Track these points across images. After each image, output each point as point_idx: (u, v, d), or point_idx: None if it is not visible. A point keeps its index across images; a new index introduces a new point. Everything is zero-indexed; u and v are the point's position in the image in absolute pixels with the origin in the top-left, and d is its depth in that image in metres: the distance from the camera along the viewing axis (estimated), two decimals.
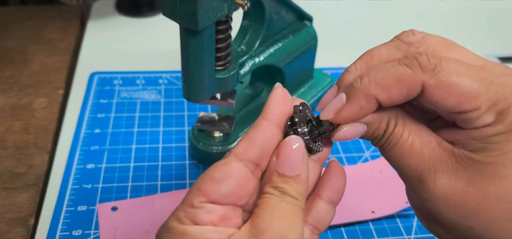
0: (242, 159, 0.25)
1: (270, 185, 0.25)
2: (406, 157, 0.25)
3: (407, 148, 0.25)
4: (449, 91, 0.23)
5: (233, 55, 0.44)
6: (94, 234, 0.43)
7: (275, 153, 0.25)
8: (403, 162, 0.25)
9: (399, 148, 0.25)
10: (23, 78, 0.61)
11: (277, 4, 0.47)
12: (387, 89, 0.24)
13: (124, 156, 0.51)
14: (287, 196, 0.25)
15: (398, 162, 0.26)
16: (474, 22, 0.84)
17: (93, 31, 0.74)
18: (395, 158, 0.26)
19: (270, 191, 0.25)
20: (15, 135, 0.52)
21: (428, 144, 0.25)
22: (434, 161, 0.24)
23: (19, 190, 0.46)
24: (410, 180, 0.26)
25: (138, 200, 0.46)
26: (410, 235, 0.45)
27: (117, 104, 0.58)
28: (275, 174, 0.25)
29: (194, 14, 0.35)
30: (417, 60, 0.23)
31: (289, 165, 0.25)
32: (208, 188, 0.25)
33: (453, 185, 0.24)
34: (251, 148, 0.25)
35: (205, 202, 0.25)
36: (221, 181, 0.25)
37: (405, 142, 0.25)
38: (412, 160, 0.25)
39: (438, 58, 0.23)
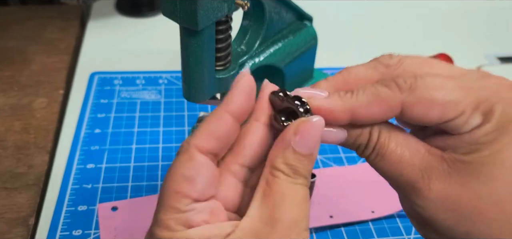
0: (203, 152, 0.25)
1: (283, 161, 0.24)
2: (397, 167, 0.25)
3: (397, 158, 0.25)
4: (429, 106, 0.23)
5: (233, 55, 0.44)
6: (94, 234, 0.43)
7: (292, 129, 0.24)
8: (394, 172, 0.25)
9: (388, 159, 0.25)
10: (23, 78, 0.61)
11: (277, 4, 0.47)
12: (366, 107, 0.24)
13: (124, 156, 0.51)
14: (298, 176, 0.24)
15: (389, 173, 0.25)
16: (474, 22, 0.84)
17: (93, 31, 0.74)
18: (385, 169, 0.26)
19: (282, 168, 0.24)
20: (15, 135, 0.52)
21: (417, 153, 0.25)
22: (425, 169, 0.24)
23: (19, 190, 0.46)
24: (404, 190, 0.25)
25: (138, 200, 0.46)
26: (410, 235, 0.45)
27: (117, 104, 0.58)
28: (290, 150, 0.24)
29: (194, 14, 0.35)
30: (394, 82, 0.24)
31: (307, 143, 0.24)
32: (186, 189, 0.24)
33: (447, 190, 0.24)
34: (212, 142, 0.25)
35: (191, 203, 0.24)
36: (195, 178, 0.24)
37: (393, 152, 0.25)
38: (403, 170, 0.25)
39: (414, 77, 0.24)
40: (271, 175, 0.24)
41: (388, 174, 0.26)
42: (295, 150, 0.24)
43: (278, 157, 0.24)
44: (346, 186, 0.48)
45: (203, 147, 0.25)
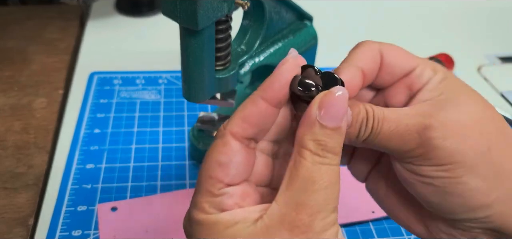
0: (238, 138, 0.25)
1: (311, 137, 0.24)
2: (399, 127, 0.27)
3: (396, 119, 0.27)
4: (396, 53, 0.29)
5: (233, 55, 0.44)
6: (93, 234, 0.43)
7: (316, 104, 0.24)
8: (399, 131, 0.26)
9: (388, 123, 0.27)
10: (23, 78, 0.61)
11: (277, 4, 0.47)
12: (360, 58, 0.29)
13: (124, 156, 0.51)
14: (328, 153, 0.24)
15: (394, 136, 0.27)
16: (474, 22, 0.84)
17: (93, 31, 0.74)
18: (388, 135, 0.27)
19: (310, 146, 0.24)
20: (15, 135, 0.52)
21: (406, 110, 0.27)
22: (420, 114, 0.27)
23: (19, 190, 0.46)
24: (413, 148, 0.27)
25: (138, 200, 0.46)
26: (410, 235, 0.45)
27: (117, 104, 0.58)
28: (317, 125, 0.24)
29: (194, 14, 0.35)
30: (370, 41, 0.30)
31: (333, 115, 0.24)
32: (220, 174, 0.25)
33: (442, 120, 0.26)
34: (248, 127, 0.25)
35: (224, 188, 0.25)
36: (228, 164, 0.25)
37: (392, 113, 0.27)
38: (408, 120, 0.27)
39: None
40: (299, 155, 0.24)
41: (394, 136, 0.27)
42: (322, 125, 0.24)
43: (305, 134, 0.24)
44: (346, 186, 0.48)
45: (237, 133, 0.25)
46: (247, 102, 0.26)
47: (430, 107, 0.27)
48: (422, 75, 0.29)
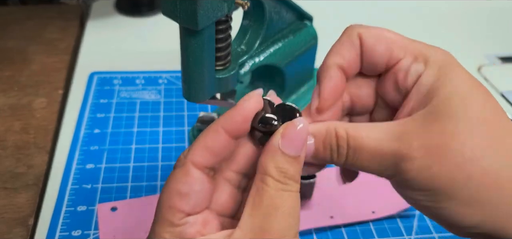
0: (199, 167, 0.26)
1: (273, 165, 0.25)
2: (378, 151, 0.25)
3: (374, 142, 0.25)
4: (379, 39, 0.27)
5: (233, 55, 0.44)
6: (93, 235, 0.43)
7: (278, 134, 0.25)
8: (377, 157, 0.25)
9: (367, 147, 0.25)
10: (23, 78, 0.61)
11: (277, 4, 0.47)
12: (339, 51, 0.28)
13: (124, 156, 0.51)
14: (288, 180, 0.25)
15: (372, 161, 0.26)
16: (474, 22, 0.84)
17: (93, 31, 0.74)
18: (366, 160, 0.26)
19: (272, 173, 0.24)
20: (15, 135, 0.52)
21: (388, 128, 0.25)
22: (401, 137, 0.25)
23: (19, 190, 0.46)
24: (393, 169, 0.25)
25: (138, 200, 0.46)
26: (410, 235, 0.45)
27: (117, 104, 0.58)
28: (279, 153, 0.25)
29: (194, 14, 0.35)
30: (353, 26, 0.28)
31: (294, 145, 0.25)
32: (180, 204, 0.25)
33: (427, 143, 0.24)
34: (209, 157, 0.26)
35: (184, 217, 0.25)
36: (189, 193, 0.25)
37: (368, 138, 0.25)
38: (384, 149, 0.25)
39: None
40: (261, 183, 0.25)
41: (371, 164, 0.26)
42: (284, 152, 0.25)
43: (268, 162, 0.25)
44: (346, 186, 0.48)
45: (198, 162, 0.26)
46: (209, 132, 0.26)
47: (412, 128, 0.25)
48: (409, 70, 0.27)
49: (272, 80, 0.54)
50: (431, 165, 0.24)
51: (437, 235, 0.45)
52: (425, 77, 0.26)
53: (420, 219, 0.46)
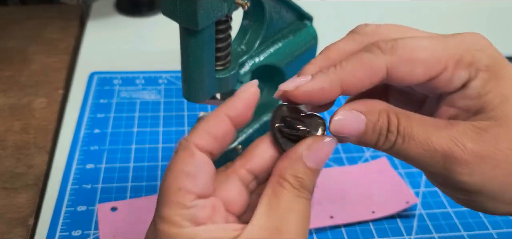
0: (202, 150, 0.25)
1: (292, 172, 0.25)
2: (428, 144, 0.24)
3: (424, 135, 0.24)
4: (412, 62, 0.24)
5: (233, 55, 0.44)
6: (93, 235, 0.43)
7: (305, 144, 0.25)
8: (426, 150, 0.24)
9: (417, 138, 0.24)
10: (23, 78, 0.61)
11: (277, 4, 0.47)
12: (352, 74, 0.25)
13: (124, 156, 0.51)
14: (304, 190, 0.25)
15: (420, 154, 0.24)
16: (474, 22, 0.84)
17: (93, 31, 0.74)
18: (414, 151, 0.24)
19: (290, 180, 0.24)
20: (14, 135, 0.52)
21: (440, 125, 0.24)
22: (455, 137, 0.24)
23: (19, 190, 0.46)
24: (441, 166, 0.24)
25: (138, 200, 0.46)
26: (410, 235, 0.45)
27: (117, 104, 0.58)
28: (301, 164, 0.25)
29: (194, 14, 0.35)
30: (375, 46, 0.25)
31: (318, 159, 0.25)
32: (189, 185, 0.24)
33: (481, 149, 0.24)
34: (210, 141, 0.25)
35: (195, 199, 0.24)
36: (197, 174, 0.24)
37: (419, 129, 0.24)
38: (436, 144, 0.24)
39: (394, 39, 0.25)
40: (278, 185, 0.25)
41: (418, 156, 0.25)
42: (306, 164, 0.25)
43: (287, 168, 0.25)
44: (346, 186, 0.48)
45: (202, 145, 0.25)
46: (211, 117, 0.26)
47: (467, 131, 0.24)
48: (452, 81, 0.25)
49: (272, 80, 0.54)
50: (484, 172, 0.24)
51: (437, 235, 0.45)
52: (475, 83, 0.24)
53: (420, 219, 0.46)
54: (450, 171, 0.24)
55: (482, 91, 0.24)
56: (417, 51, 0.24)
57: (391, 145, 0.25)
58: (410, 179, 0.50)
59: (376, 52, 0.24)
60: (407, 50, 0.24)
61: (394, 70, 0.24)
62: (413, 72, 0.24)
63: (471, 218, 0.47)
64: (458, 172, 0.24)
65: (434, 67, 0.24)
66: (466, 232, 0.45)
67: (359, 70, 0.24)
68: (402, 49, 0.24)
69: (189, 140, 0.25)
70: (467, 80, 0.24)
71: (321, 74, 0.25)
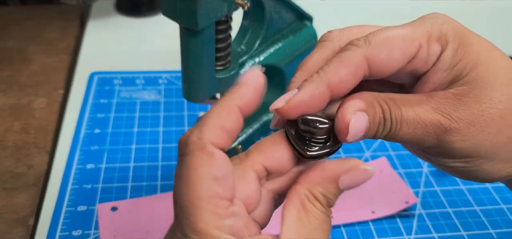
0: (218, 148, 0.23)
1: (323, 192, 0.24)
2: (420, 123, 0.25)
3: (414, 115, 0.25)
4: (389, 48, 0.25)
5: (233, 55, 0.44)
6: (94, 234, 0.43)
7: (343, 167, 0.24)
8: (419, 128, 0.25)
9: (409, 119, 0.25)
10: (23, 78, 0.61)
11: (277, 4, 0.47)
12: (336, 74, 0.25)
13: (124, 156, 0.51)
14: (329, 208, 0.24)
15: (414, 133, 0.25)
16: (474, 22, 0.83)
17: (93, 31, 0.74)
18: (408, 132, 0.25)
19: (320, 199, 0.24)
20: (14, 135, 0.52)
21: (425, 100, 0.25)
22: (441, 109, 0.25)
23: (19, 190, 0.46)
24: (435, 140, 0.25)
25: (138, 200, 0.46)
26: (410, 235, 0.45)
27: (117, 104, 0.58)
28: (335, 186, 0.24)
29: (194, 14, 0.35)
30: (350, 44, 0.25)
31: (352, 185, 0.24)
32: (220, 191, 0.22)
33: (468, 115, 0.25)
34: (225, 138, 0.23)
35: (230, 206, 0.22)
36: (224, 177, 0.22)
37: (410, 110, 0.25)
38: (427, 120, 0.25)
39: (365, 35, 0.25)
40: (308, 200, 0.24)
41: (412, 136, 0.25)
42: (339, 187, 0.24)
43: (319, 185, 0.24)
44: None
45: (217, 143, 0.23)
46: (222, 110, 0.24)
47: (448, 100, 0.25)
48: (428, 57, 0.26)
49: (272, 80, 0.54)
50: (474, 135, 0.25)
51: (436, 235, 0.45)
52: (446, 53, 0.25)
53: (419, 219, 0.46)
54: (443, 141, 0.25)
55: (453, 61, 0.25)
56: (390, 38, 0.25)
57: (387, 132, 0.25)
58: (409, 179, 0.50)
59: (352, 48, 0.25)
60: (381, 40, 0.25)
61: (375, 59, 0.25)
62: (392, 57, 0.25)
63: (471, 218, 0.47)
64: (451, 141, 0.25)
65: (410, 47, 0.25)
66: (466, 232, 0.45)
67: (342, 68, 0.25)
68: (376, 41, 0.25)
69: (204, 138, 0.22)
70: (439, 54, 0.25)
71: (306, 83, 0.25)
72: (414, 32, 0.25)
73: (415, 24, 0.26)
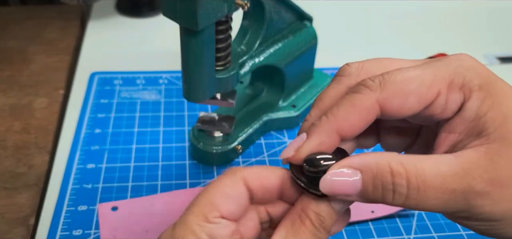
0: (247, 187, 0.26)
1: (315, 210, 0.24)
2: (448, 183, 0.22)
3: (440, 178, 0.22)
4: (404, 94, 0.23)
5: (233, 55, 0.44)
6: (94, 234, 0.43)
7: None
8: (447, 191, 0.22)
9: (431, 184, 0.22)
10: (23, 78, 0.61)
11: (277, 4, 0.47)
12: (346, 119, 0.24)
13: (124, 156, 0.51)
14: (322, 229, 0.25)
15: (441, 196, 0.22)
16: (474, 22, 0.84)
17: (94, 31, 0.74)
18: (433, 196, 0.22)
19: (312, 217, 0.24)
20: (15, 135, 0.53)
21: (451, 159, 0.23)
22: (470, 169, 0.22)
23: (20, 190, 0.46)
24: (465, 203, 0.23)
25: (138, 200, 0.46)
26: (410, 235, 0.45)
27: (118, 104, 0.58)
28: (326, 203, 0.24)
29: (194, 14, 0.35)
30: (362, 85, 0.24)
31: (344, 205, 0.25)
32: (222, 204, 0.25)
33: (497, 176, 0.22)
34: (257, 188, 0.26)
35: (219, 218, 0.25)
36: (235, 200, 0.25)
37: (433, 174, 0.22)
38: (455, 182, 0.22)
39: (381, 75, 0.24)
40: (299, 219, 0.25)
41: (438, 202, 0.23)
42: (331, 204, 0.24)
43: (311, 204, 0.24)
44: None
45: (248, 184, 0.26)
46: (267, 169, 0.26)
47: (478, 160, 0.22)
48: (447, 105, 0.24)
49: (272, 80, 0.55)
50: (506, 198, 0.23)
51: (436, 234, 0.45)
52: (470, 103, 0.23)
53: (419, 218, 0.46)
54: (472, 206, 0.23)
55: (480, 112, 0.23)
56: (406, 81, 0.23)
57: (403, 199, 0.23)
58: None
59: (365, 91, 0.24)
60: (397, 83, 0.23)
61: (387, 105, 0.24)
62: (406, 104, 0.23)
63: None
64: (481, 205, 0.23)
65: (427, 94, 0.23)
66: (465, 232, 0.45)
67: (352, 113, 0.24)
68: (391, 83, 0.24)
69: (239, 172, 0.26)
70: (463, 103, 0.24)
71: (314, 128, 0.24)
72: (435, 76, 0.23)
73: (437, 66, 0.24)
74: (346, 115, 0.24)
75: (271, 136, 0.54)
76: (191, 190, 0.47)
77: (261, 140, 0.54)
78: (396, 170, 0.22)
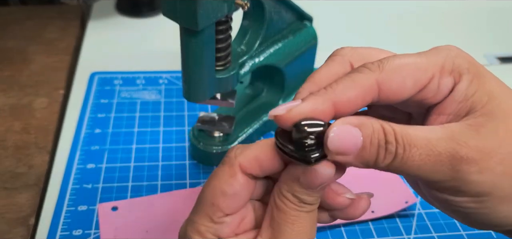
0: (246, 173, 0.26)
1: (289, 190, 0.25)
2: (432, 150, 0.23)
3: (426, 141, 0.23)
4: (402, 77, 0.25)
5: (233, 55, 0.44)
6: (94, 234, 0.43)
7: (300, 169, 0.24)
8: (431, 156, 0.23)
9: (419, 147, 0.23)
10: (23, 78, 0.61)
11: (277, 4, 0.47)
12: (344, 92, 0.24)
13: (125, 156, 0.51)
14: (303, 204, 0.25)
15: (424, 164, 0.23)
16: (474, 22, 0.84)
17: (94, 31, 0.74)
18: (417, 162, 0.23)
19: (288, 197, 0.25)
20: (15, 135, 0.53)
21: (438, 129, 0.24)
22: (455, 137, 0.23)
23: (20, 190, 0.46)
24: (450, 170, 0.23)
25: (138, 200, 0.46)
26: (410, 235, 0.45)
27: (118, 104, 0.58)
28: (297, 184, 0.25)
29: (194, 14, 0.35)
30: (363, 66, 0.25)
31: (313, 185, 0.25)
32: (222, 204, 0.26)
33: (482, 145, 0.23)
34: (257, 169, 0.26)
35: (223, 217, 0.26)
36: (233, 196, 0.26)
37: (420, 137, 0.23)
38: (440, 148, 0.23)
39: (379, 60, 0.25)
40: (278, 199, 0.26)
41: (424, 164, 0.23)
42: (302, 185, 0.25)
43: (284, 185, 0.26)
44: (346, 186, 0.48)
45: (246, 168, 0.26)
46: (265, 145, 0.26)
47: (464, 130, 0.23)
48: (440, 88, 0.25)
49: (272, 80, 0.55)
50: (493, 168, 0.23)
51: (436, 234, 0.45)
52: (460, 85, 0.25)
53: (419, 218, 0.46)
54: (459, 171, 0.23)
55: (468, 93, 0.25)
56: (403, 65, 0.25)
57: (392, 158, 0.23)
58: None
59: (365, 71, 0.25)
60: (395, 66, 0.25)
61: (386, 85, 0.24)
62: (404, 85, 0.25)
63: None
64: (468, 171, 0.23)
65: (422, 78, 0.25)
66: (465, 232, 0.45)
67: (351, 89, 0.24)
68: (389, 67, 0.25)
69: (236, 158, 0.26)
70: (453, 85, 0.25)
71: (312, 96, 0.25)
72: (428, 62, 0.25)
73: (428, 54, 0.25)
74: (345, 88, 0.24)
75: (271, 136, 0.54)
76: (191, 190, 0.47)
77: None
78: (387, 129, 0.23)
